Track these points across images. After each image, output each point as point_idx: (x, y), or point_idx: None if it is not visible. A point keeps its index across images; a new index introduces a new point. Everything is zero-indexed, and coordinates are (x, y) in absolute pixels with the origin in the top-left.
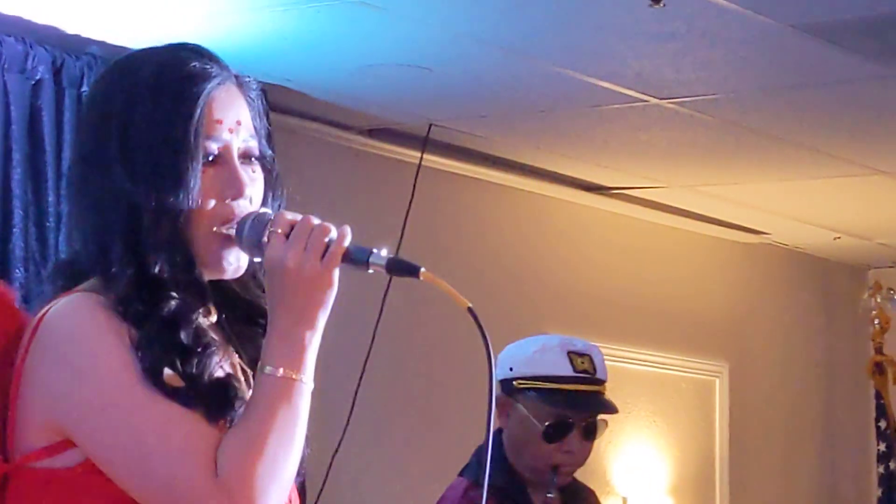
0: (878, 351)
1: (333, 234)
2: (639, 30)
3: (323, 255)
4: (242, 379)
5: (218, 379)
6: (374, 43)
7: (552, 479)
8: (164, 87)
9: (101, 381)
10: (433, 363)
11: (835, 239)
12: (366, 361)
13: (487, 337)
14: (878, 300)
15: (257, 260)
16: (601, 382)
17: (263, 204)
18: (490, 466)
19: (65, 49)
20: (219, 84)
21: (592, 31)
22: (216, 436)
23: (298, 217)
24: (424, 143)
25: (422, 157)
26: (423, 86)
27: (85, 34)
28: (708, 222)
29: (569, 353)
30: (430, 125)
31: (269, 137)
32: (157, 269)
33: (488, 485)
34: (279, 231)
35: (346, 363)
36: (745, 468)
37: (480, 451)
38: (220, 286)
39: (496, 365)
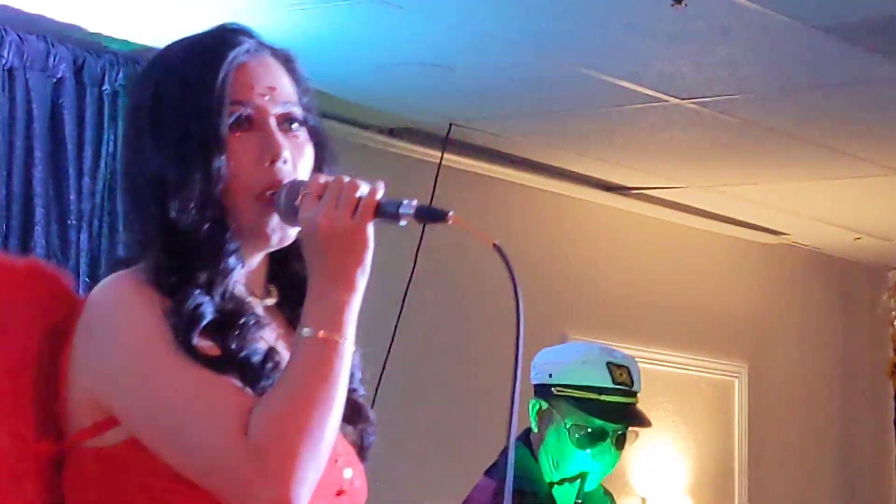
0: None
1: (365, 189)
2: (660, 30)
3: (355, 211)
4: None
5: (255, 348)
6: (395, 42)
7: (581, 486)
8: (192, 60)
9: (136, 353)
10: (463, 339)
11: (855, 240)
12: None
13: (515, 274)
14: None
15: (297, 229)
16: (636, 394)
17: None
18: (518, 468)
19: (86, 48)
20: (248, 52)
21: (613, 30)
22: (250, 401)
23: (331, 179)
24: (445, 142)
25: (442, 157)
26: (444, 85)
27: (106, 33)
28: (727, 222)
29: (608, 364)
30: (451, 124)
31: (314, 116)
32: (188, 240)
33: (520, 489)
34: (312, 193)
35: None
36: (763, 469)
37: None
38: (285, 270)
39: (531, 369)
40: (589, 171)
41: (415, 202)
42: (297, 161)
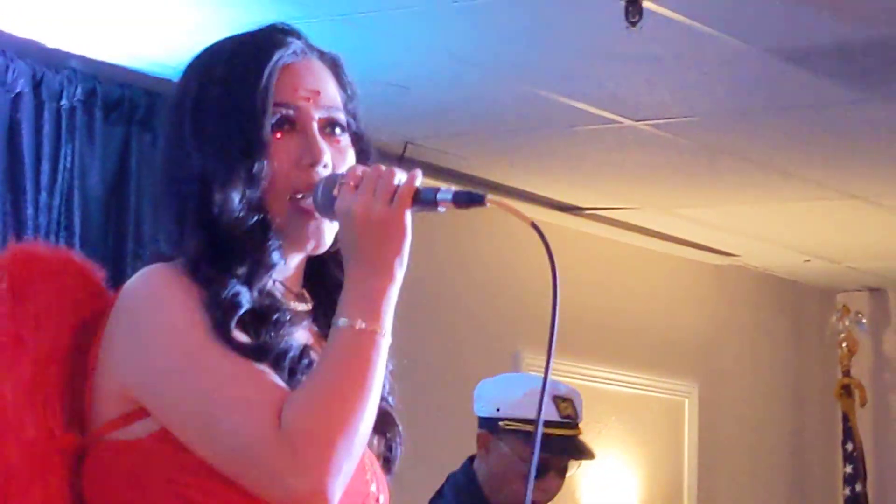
0: (846, 374)
1: (402, 176)
2: (614, 51)
3: (392, 199)
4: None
5: (290, 343)
6: (352, 60)
7: None
8: (238, 59)
9: (170, 340)
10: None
11: (805, 262)
12: None
13: (552, 252)
14: (847, 324)
15: (332, 236)
16: (579, 426)
17: None
18: (465, 497)
19: (45, 63)
20: (295, 54)
21: (568, 52)
22: (285, 393)
23: (361, 168)
24: (400, 161)
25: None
26: (400, 104)
27: (65, 48)
28: (680, 244)
29: (554, 397)
30: (406, 144)
31: (359, 122)
32: (228, 233)
33: None
34: (349, 183)
35: None
36: (712, 488)
37: (453, 478)
38: (322, 276)
39: (476, 400)
40: (543, 192)
41: (453, 188)
42: (338, 166)
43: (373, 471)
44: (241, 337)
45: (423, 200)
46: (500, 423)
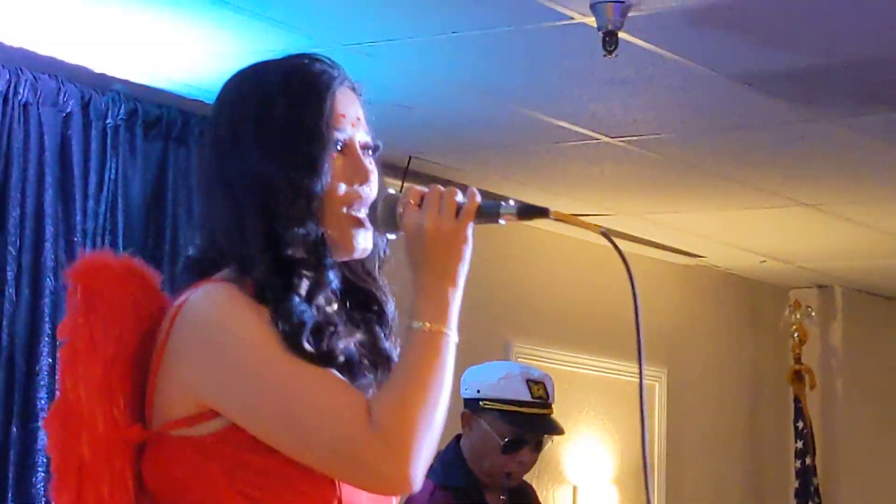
0: (797, 361)
1: (460, 196)
2: (593, 76)
3: (456, 215)
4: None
5: (349, 350)
6: (364, 84)
7: (505, 484)
8: (294, 84)
9: (249, 355)
10: None
11: (761, 262)
12: None
13: (626, 258)
14: (798, 317)
15: (391, 237)
16: (551, 406)
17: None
18: (451, 470)
19: (92, 86)
20: (340, 84)
21: (552, 77)
22: (361, 394)
23: (426, 189)
24: (405, 173)
25: (402, 185)
26: (404, 122)
27: (110, 73)
28: (651, 246)
29: (527, 381)
30: (410, 157)
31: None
32: (291, 252)
33: (451, 486)
34: (412, 202)
35: None
36: (679, 461)
37: (442, 454)
38: (345, 279)
39: (461, 384)
40: (530, 200)
41: (514, 202)
42: (374, 183)
43: None
44: (308, 348)
45: (486, 214)
46: (481, 402)
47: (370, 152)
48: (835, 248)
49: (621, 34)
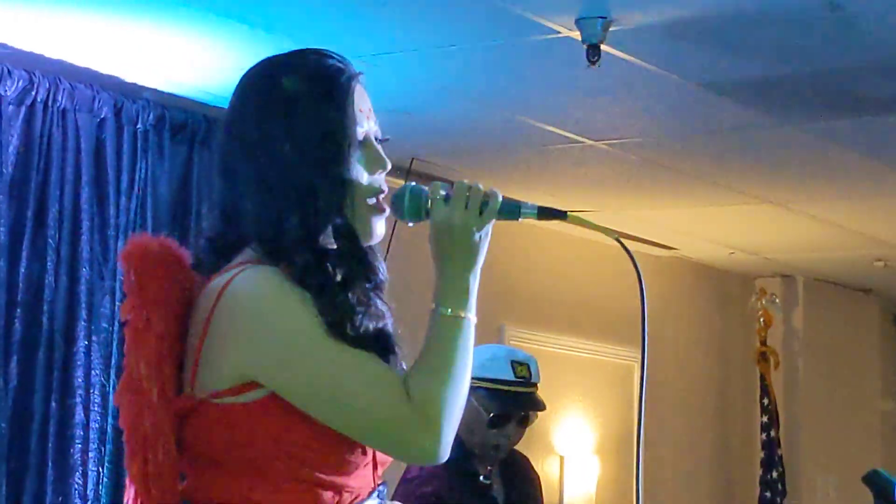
0: (763, 343)
1: (487, 191)
2: (578, 85)
3: (480, 212)
4: None
5: (378, 331)
6: (369, 93)
7: (494, 455)
8: (316, 82)
9: (298, 337)
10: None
11: (729, 254)
12: None
13: (637, 263)
14: (763, 303)
15: (411, 224)
16: (535, 385)
17: None
18: None
19: (124, 94)
20: (354, 79)
21: (541, 85)
22: (395, 372)
23: (449, 184)
24: (407, 173)
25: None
26: (407, 127)
27: (140, 82)
28: (630, 239)
29: (511, 362)
30: (413, 159)
31: None
32: (328, 242)
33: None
34: (439, 196)
35: None
36: (656, 434)
37: None
38: None
39: None
40: (521, 197)
41: (534, 204)
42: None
43: None
44: (349, 333)
45: (508, 213)
46: (470, 380)
47: (380, 142)
48: (797, 241)
49: (604, 47)
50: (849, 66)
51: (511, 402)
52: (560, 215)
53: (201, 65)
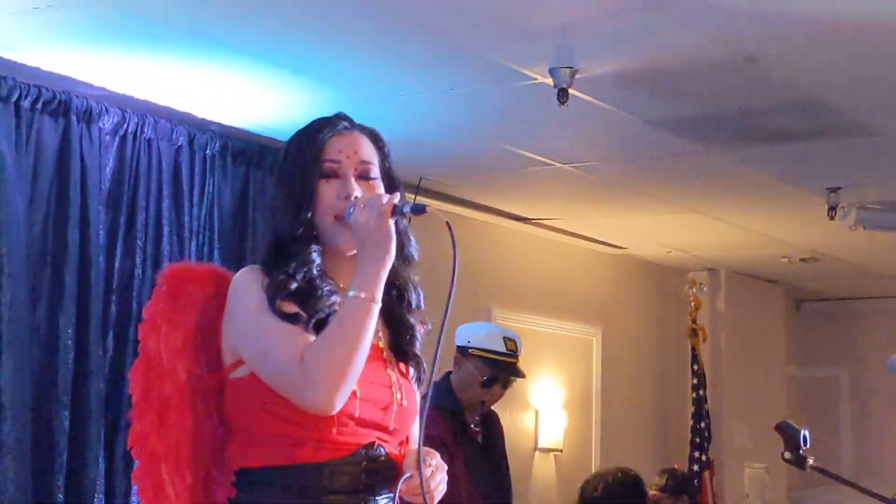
0: (693, 322)
1: (386, 198)
2: (550, 121)
3: (379, 213)
4: None
5: (323, 308)
6: (387, 125)
7: (480, 409)
8: (304, 135)
9: (247, 314)
10: None
11: (667, 252)
12: None
13: (456, 247)
14: (694, 291)
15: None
16: (518, 357)
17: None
18: (443, 395)
19: (196, 127)
20: (340, 129)
21: (522, 120)
22: (308, 341)
23: (358, 194)
24: (417, 189)
25: (415, 199)
26: (416, 153)
27: (209, 118)
28: (589, 241)
29: (504, 337)
30: (420, 178)
31: (391, 171)
32: (286, 243)
33: (441, 407)
34: (360, 205)
35: None
36: (610, 394)
37: (437, 384)
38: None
39: (456, 336)
40: (504, 208)
41: (409, 204)
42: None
43: (400, 386)
44: (290, 308)
45: (397, 212)
46: (469, 350)
47: (370, 175)
48: (720, 242)
49: (571, 91)
50: (761, 106)
51: (500, 368)
52: (422, 210)
53: (256, 104)
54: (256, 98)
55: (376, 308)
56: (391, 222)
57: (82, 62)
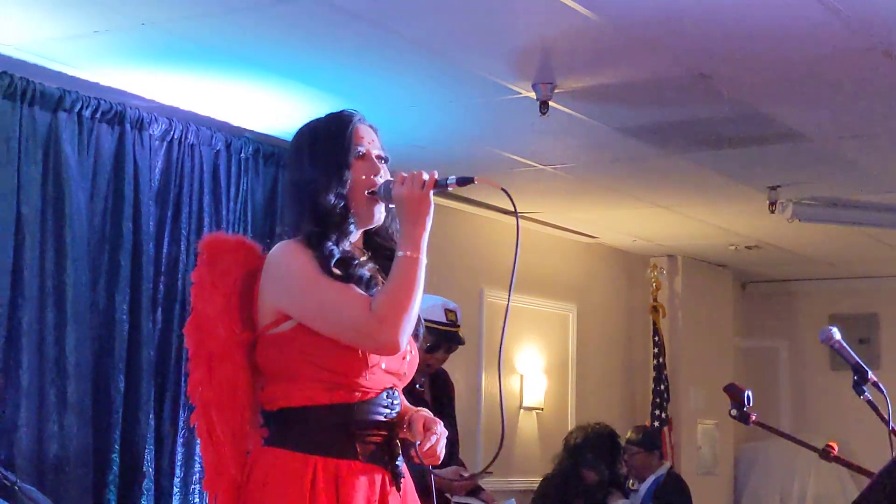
0: (655, 300)
1: (425, 174)
2: (533, 129)
3: (423, 186)
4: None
5: (364, 273)
6: (392, 130)
7: (426, 371)
8: (332, 123)
9: (303, 279)
10: None
11: (633, 241)
12: None
13: (518, 216)
14: (655, 274)
15: (392, 206)
16: (458, 326)
17: None
18: None
19: (232, 133)
20: (359, 121)
21: (509, 128)
22: (367, 297)
23: (405, 173)
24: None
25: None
26: (419, 157)
27: (243, 126)
28: (566, 231)
29: (445, 309)
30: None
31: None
32: (325, 218)
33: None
34: (398, 181)
35: None
36: (584, 361)
37: None
38: (372, 241)
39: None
40: (495, 203)
41: (455, 177)
42: (385, 177)
43: (409, 348)
44: (337, 272)
45: (440, 185)
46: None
47: (383, 160)
48: (678, 232)
49: (551, 103)
50: (712, 116)
51: (441, 336)
52: (470, 180)
53: (284, 113)
54: (283, 109)
55: (423, 263)
56: (431, 195)
57: (135, 78)
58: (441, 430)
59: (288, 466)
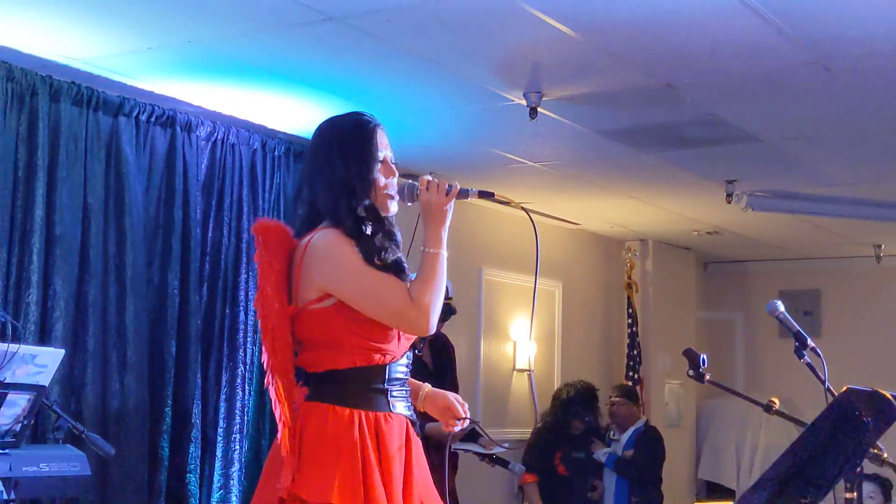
0: (629, 278)
1: (449, 184)
2: (524, 132)
3: (447, 194)
4: None
5: (394, 261)
6: (403, 132)
7: (423, 337)
8: (355, 127)
9: (350, 266)
10: None
11: (611, 227)
12: None
13: (535, 225)
14: (629, 256)
15: (409, 204)
16: (450, 298)
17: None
18: None
19: (266, 135)
20: (377, 126)
21: (503, 131)
22: (405, 284)
23: (428, 177)
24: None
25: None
26: (425, 155)
27: (277, 128)
28: (553, 218)
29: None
30: (431, 173)
31: None
32: (362, 214)
33: None
34: (424, 187)
35: None
36: (568, 330)
37: None
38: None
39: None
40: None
41: (476, 189)
42: (395, 178)
43: None
44: (377, 262)
45: (462, 195)
46: None
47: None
48: (649, 220)
49: (539, 109)
50: (678, 120)
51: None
52: (491, 195)
53: (311, 117)
54: (310, 114)
55: (445, 257)
56: (452, 202)
57: (183, 87)
58: (467, 409)
59: (339, 419)
